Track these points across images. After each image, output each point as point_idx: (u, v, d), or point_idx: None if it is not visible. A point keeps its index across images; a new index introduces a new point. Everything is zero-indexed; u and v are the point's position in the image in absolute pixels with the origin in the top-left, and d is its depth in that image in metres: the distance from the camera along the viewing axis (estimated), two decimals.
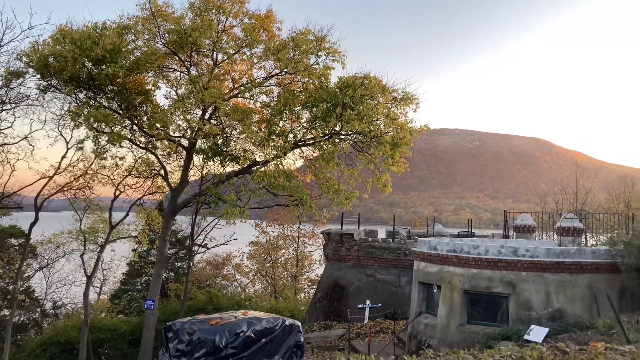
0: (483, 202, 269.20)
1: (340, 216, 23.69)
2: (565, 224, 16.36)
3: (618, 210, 27.46)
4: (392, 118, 18.48)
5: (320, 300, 22.27)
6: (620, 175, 39.98)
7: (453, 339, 13.60)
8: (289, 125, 19.13)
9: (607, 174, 75.34)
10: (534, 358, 2.81)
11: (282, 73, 18.72)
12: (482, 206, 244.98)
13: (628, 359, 2.80)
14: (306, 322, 21.97)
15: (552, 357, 2.80)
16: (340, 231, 22.66)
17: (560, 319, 12.77)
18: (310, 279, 36.91)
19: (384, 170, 19.10)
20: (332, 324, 20.64)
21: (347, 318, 17.75)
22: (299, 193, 17.17)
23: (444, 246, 14.97)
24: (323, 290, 22.46)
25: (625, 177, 35.81)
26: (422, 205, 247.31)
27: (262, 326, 8.17)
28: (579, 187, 32.96)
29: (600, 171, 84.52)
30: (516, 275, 13.38)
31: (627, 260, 12.99)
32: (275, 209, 28.86)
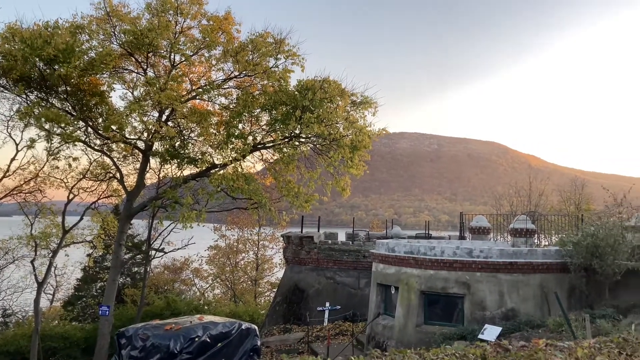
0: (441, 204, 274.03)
1: (301, 219, 23.71)
2: (518, 225, 16.84)
3: (569, 212, 28.35)
4: (351, 121, 18.65)
5: (280, 303, 22.20)
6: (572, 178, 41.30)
7: (410, 340, 13.77)
8: (249, 127, 19.04)
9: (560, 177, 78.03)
10: (477, 356, 2.89)
11: (241, 75, 18.63)
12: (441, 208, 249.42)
13: (566, 354, 2.91)
14: (266, 325, 21.87)
15: (494, 355, 2.88)
16: (301, 234, 22.66)
17: (513, 318, 13.12)
18: (271, 283, 36.75)
19: (344, 173, 19.26)
20: (292, 327, 20.61)
21: (307, 321, 17.77)
22: (258, 196, 17.09)
23: (401, 248, 15.17)
24: (283, 293, 22.40)
25: (575, 180, 37.07)
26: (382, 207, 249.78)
27: (218, 331, 8.08)
28: (533, 189, 33.89)
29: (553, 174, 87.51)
30: (471, 276, 13.68)
31: (576, 260, 13.46)
32: (235, 212, 28.64)
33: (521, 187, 35.10)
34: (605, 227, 13.64)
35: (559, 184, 39.39)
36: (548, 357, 2.78)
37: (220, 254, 36.39)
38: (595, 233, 13.44)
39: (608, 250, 13.05)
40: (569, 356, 2.85)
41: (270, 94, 17.93)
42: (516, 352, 2.89)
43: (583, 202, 32.14)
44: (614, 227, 13.71)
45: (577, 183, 34.50)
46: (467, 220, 23.25)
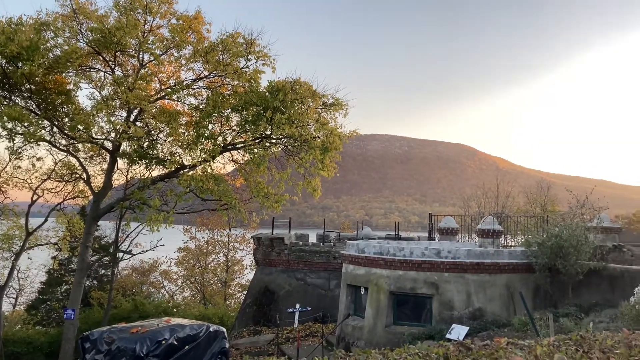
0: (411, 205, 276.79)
1: (272, 220, 23.62)
2: (485, 226, 17.13)
3: (535, 213, 28.93)
4: (323, 123, 18.70)
5: (250, 305, 22.06)
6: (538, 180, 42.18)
7: (380, 340, 13.85)
8: (219, 128, 18.91)
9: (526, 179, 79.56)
10: (439, 355, 2.93)
11: (211, 75, 18.49)
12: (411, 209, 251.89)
13: (526, 352, 2.98)
14: (236, 328, 21.71)
15: (457, 354, 2.93)
16: (271, 235, 22.57)
17: (480, 318, 13.33)
18: (241, 285, 36.48)
19: (314, 175, 19.28)
20: (262, 329, 20.50)
21: (277, 323, 17.70)
22: (228, 197, 16.97)
23: (371, 249, 15.26)
24: (253, 295, 22.27)
25: (541, 182, 37.90)
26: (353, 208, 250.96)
27: (185, 333, 7.95)
28: (500, 191, 34.52)
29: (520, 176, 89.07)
30: (439, 276, 13.85)
31: (541, 261, 13.77)
32: (204, 213, 28.34)
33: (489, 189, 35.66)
34: (568, 228, 13.98)
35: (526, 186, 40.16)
36: (508, 356, 2.84)
37: (189, 255, 35.96)
38: (559, 234, 13.76)
39: (571, 251, 13.38)
40: (529, 354, 2.92)
41: (240, 94, 17.85)
42: (478, 350, 2.95)
43: (548, 203, 32.87)
44: (577, 228, 14.06)
45: (543, 185, 35.30)
46: (436, 221, 23.53)
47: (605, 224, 17.33)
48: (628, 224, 47.36)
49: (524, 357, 2.83)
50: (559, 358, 2.75)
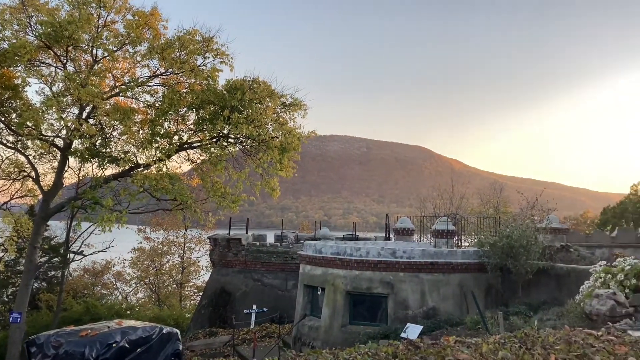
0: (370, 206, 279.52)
1: (229, 221, 23.40)
2: (439, 226, 17.47)
3: (488, 214, 29.65)
4: (281, 123, 18.64)
5: (205, 307, 21.78)
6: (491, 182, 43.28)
7: (336, 340, 13.90)
8: (175, 126, 18.58)
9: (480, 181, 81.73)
10: (388, 354, 2.97)
11: (168, 73, 18.16)
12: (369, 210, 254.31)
13: (472, 350, 3.06)
14: (191, 329, 21.40)
15: (405, 352, 2.98)
16: (228, 236, 22.35)
17: (434, 317, 13.58)
18: (197, 286, 35.97)
19: (273, 175, 19.19)
20: (218, 330, 20.27)
21: (233, 324, 17.53)
22: (183, 196, 16.69)
23: (328, 249, 15.32)
24: (209, 296, 22.00)
25: (494, 184, 38.93)
26: (312, 209, 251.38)
27: (137, 335, 7.80)
28: (455, 192, 35.27)
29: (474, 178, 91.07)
30: (394, 276, 14.03)
31: (492, 260, 14.14)
32: (159, 213, 27.84)
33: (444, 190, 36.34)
34: (519, 229, 14.41)
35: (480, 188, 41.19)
36: (455, 353, 2.90)
37: (144, 256, 35.23)
38: (510, 234, 14.16)
39: (521, 251, 13.80)
40: (475, 352, 2.99)
41: (197, 92, 17.58)
42: (426, 349, 3.00)
43: (501, 204, 33.78)
44: (527, 229, 14.51)
45: (496, 187, 36.26)
46: (392, 221, 23.81)
47: (554, 225, 17.96)
48: (576, 225, 49.21)
49: (470, 355, 2.90)
50: (502, 355, 2.84)
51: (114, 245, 27.70)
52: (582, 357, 3.04)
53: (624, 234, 21.30)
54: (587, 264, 13.97)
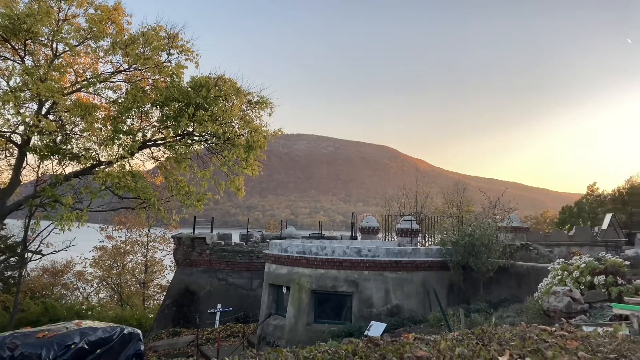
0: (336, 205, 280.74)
1: (193, 220, 23.14)
2: (404, 225, 17.68)
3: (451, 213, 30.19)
4: (247, 121, 18.52)
5: (169, 306, 21.49)
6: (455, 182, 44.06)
7: (301, 339, 13.92)
8: (138, 124, 18.25)
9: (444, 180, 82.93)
10: (348, 351, 3.00)
11: (131, 69, 17.79)
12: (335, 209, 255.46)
13: (431, 347, 3.11)
14: (154, 329, 21.08)
15: (365, 350, 3.01)
16: (192, 235, 22.11)
17: (398, 314, 13.74)
18: (160, 286, 35.40)
19: (238, 174, 19.05)
20: (182, 330, 20.04)
21: (197, 324, 17.35)
22: (147, 194, 16.41)
23: (294, 248, 15.32)
24: (172, 296, 21.71)
25: (458, 183, 39.66)
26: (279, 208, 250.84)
27: (97, 336, 7.63)
28: (420, 191, 35.79)
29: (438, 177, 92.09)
30: (359, 275, 14.14)
31: (455, 259, 14.41)
32: (122, 212, 27.29)
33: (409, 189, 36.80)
34: (481, 228, 14.72)
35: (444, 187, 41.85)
36: (413, 350, 2.95)
37: (106, 256, 34.46)
38: (472, 233, 14.45)
39: (483, 249, 14.10)
40: (433, 348, 3.05)
41: (162, 89, 17.31)
42: (385, 346, 3.04)
43: (464, 204, 34.44)
44: (489, 228, 14.83)
45: (459, 186, 36.93)
46: (358, 220, 23.99)
47: (514, 224, 18.39)
48: (536, 224, 50.55)
49: (428, 352, 2.95)
50: (459, 351, 2.90)
51: (74, 245, 27.02)
52: (536, 352, 3.13)
53: (580, 232, 22.01)
54: (546, 262, 14.37)
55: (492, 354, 2.96)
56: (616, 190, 41.21)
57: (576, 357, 3.06)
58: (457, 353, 2.89)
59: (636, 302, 8.75)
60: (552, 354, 3.08)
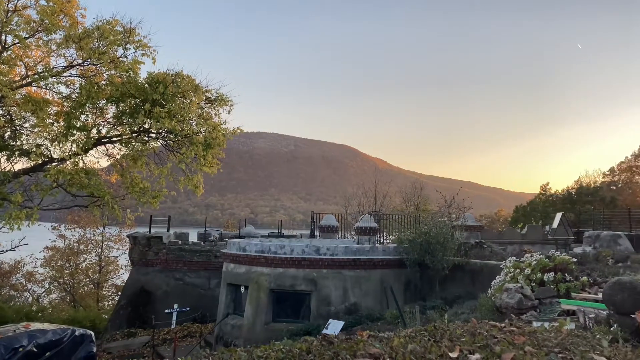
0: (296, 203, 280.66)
1: (149, 218, 22.72)
2: (362, 224, 17.84)
3: (409, 212, 30.65)
4: (205, 118, 18.28)
5: (124, 307, 21.03)
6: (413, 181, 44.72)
7: (259, 338, 13.88)
8: (93, 120, 17.76)
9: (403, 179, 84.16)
10: (302, 350, 3.01)
11: (86, 63, 17.30)
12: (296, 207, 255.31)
13: (384, 344, 3.16)
14: (108, 331, 20.60)
15: (319, 348, 3.03)
16: (148, 234, 21.70)
17: (356, 312, 13.87)
18: (116, 286, 34.58)
19: (196, 171, 18.78)
20: (137, 331, 19.66)
21: (153, 324, 17.05)
22: (101, 192, 15.99)
23: (252, 247, 15.25)
24: (128, 296, 21.26)
25: (416, 182, 40.30)
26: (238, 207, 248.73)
27: (47, 339, 7.41)
28: (378, 190, 36.22)
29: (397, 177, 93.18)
30: (318, 273, 14.19)
31: (411, 257, 14.64)
32: (76, 210, 26.54)
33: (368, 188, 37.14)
34: (437, 227, 15.01)
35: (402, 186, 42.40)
36: (367, 348, 2.99)
37: (58, 255, 33.41)
38: (428, 232, 14.72)
39: (438, 247, 14.38)
40: (386, 346, 3.10)
41: (117, 85, 16.89)
42: (339, 344, 3.07)
43: (421, 203, 35.01)
44: (444, 227, 15.14)
45: (417, 186, 37.52)
46: (318, 219, 24.06)
47: (469, 223, 18.82)
48: (490, 223, 51.86)
49: (381, 349, 2.99)
50: (411, 348, 2.96)
51: (24, 244, 26.08)
52: (485, 347, 3.23)
53: (532, 231, 22.71)
54: (499, 260, 14.76)
55: (443, 350, 3.04)
56: (566, 190, 42.77)
57: (523, 352, 3.17)
58: (410, 350, 2.95)
59: (582, 297, 9.10)
60: (500, 349, 3.18)
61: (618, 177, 46.10)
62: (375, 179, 36.53)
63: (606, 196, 38.64)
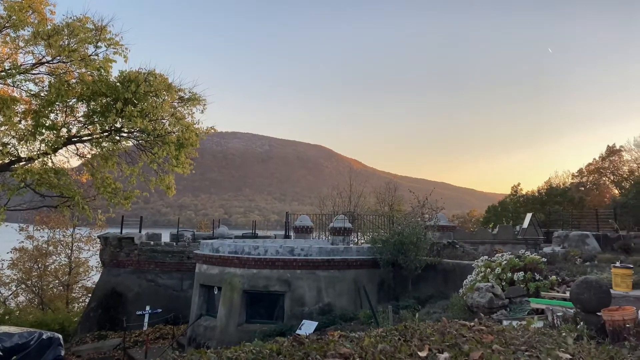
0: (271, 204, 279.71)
1: (121, 219, 22.38)
2: (336, 224, 17.89)
3: (383, 212, 30.85)
4: (178, 118, 18.09)
5: (95, 309, 20.67)
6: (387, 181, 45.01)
7: (232, 339, 13.80)
8: (62, 118, 17.41)
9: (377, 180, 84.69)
10: (273, 351, 3.01)
11: (55, 61, 16.94)
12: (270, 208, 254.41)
13: (355, 344, 3.18)
14: (78, 333, 20.23)
15: (289, 349, 3.03)
16: (120, 235, 21.38)
17: (330, 312, 13.90)
18: (86, 287, 33.91)
19: (168, 171, 18.58)
20: (108, 333, 19.36)
21: (124, 326, 16.81)
22: (70, 192, 15.69)
23: (225, 248, 15.15)
24: (98, 298, 20.90)
25: (390, 183, 40.61)
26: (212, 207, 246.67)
27: (13, 342, 7.23)
28: (353, 191, 36.38)
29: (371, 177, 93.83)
30: (292, 274, 14.18)
31: (385, 257, 14.74)
32: (45, 211, 25.99)
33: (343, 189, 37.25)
34: (410, 227, 15.14)
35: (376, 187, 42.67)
36: (337, 348, 3.00)
37: (26, 257, 32.62)
38: (401, 232, 14.84)
39: (411, 247, 14.51)
40: (357, 345, 3.12)
41: (88, 83, 16.59)
42: (309, 345, 3.08)
43: (395, 203, 35.28)
44: (417, 227, 15.28)
45: (391, 186, 37.80)
46: (292, 219, 24.05)
47: (442, 223, 19.05)
48: (463, 223, 52.57)
49: (351, 349, 3.01)
50: (381, 347, 2.98)
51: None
52: (454, 346, 3.28)
53: (503, 231, 23.09)
54: (471, 260, 14.96)
55: (412, 349, 3.07)
56: (536, 190, 43.59)
57: (491, 350, 3.22)
58: (380, 349, 2.97)
59: (551, 296, 9.29)
60: (469, 347, 3.23)
61: (586, 179, 47.18)
62: (350, 179, 36.68)
63: (575, 197, 39.51)
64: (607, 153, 45.79)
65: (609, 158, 45.56)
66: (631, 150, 44.18)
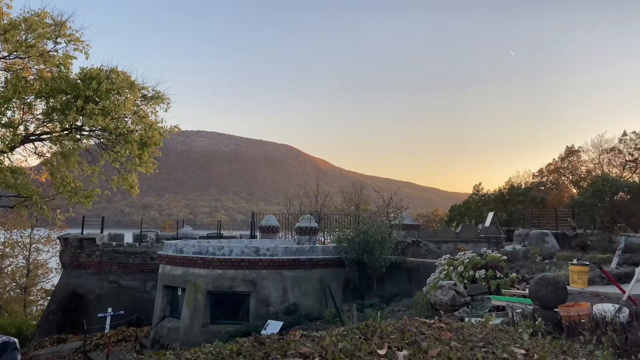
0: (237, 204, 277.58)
1: (82, 219, 21.87)
2: (302, 224, 17.90)
3: (350, 212, 30.99)
4: (141, 116, 17.80)
5: (54, 312, 20.13)
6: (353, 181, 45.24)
7: (196, 340, 13.64)
8: (20, 116, 16.90)
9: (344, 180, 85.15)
10: (233, 351, 2.99)
11: (12, 57, 16.44)
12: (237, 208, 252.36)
13: (316, 343, 3.19)
14: (36, 337, 19.67)
15: (250, 349, 3.02)
16: (80, 236, 20.88)
17: (295, 312, 13.91)
18: (45, 290, 33.02)
19: (131, 171, 18.25)
20: (68, 336, 18.88)
21: (85, 329, 16.42)
22: (28, 191, 15.25)
23: (190, 248, 14.98)
24: (58, 300, 20.37)
25: (356, 183, 40.87)
26: (177, 207, 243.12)
27: None
28: (320, 190, 36.47)
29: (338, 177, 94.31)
30: (257, 274, 14.12)
31: (350, 256, 14.84)
32: (1, 211, 25.17)
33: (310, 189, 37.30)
34: (375, 226, 15.28)
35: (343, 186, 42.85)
36: (298, 347, 3.00)
37: None
38: (366, 231, 14.96)
39: (376, 246, 14.64)
40: (317, 344, 3.13)
41: (47, 80, 16.16)
42: (270, 344, 3.07)
43: (361, 202, 35.52)
44: (382, 226, 15.43)
45: (357, 186, 38.05)
46: (258, 219, 23.93)
47: (407, 222, 19.26)
48: (427, 222, 53.27)
49: (312, 348, 3.02)
50: (342, 346, 3.01)
51: None
52: (413, 344, 3.32)
53: (466, 229, 23.50)
54: (435, 258, 15.19)
55: (372, 348, 3.10)
56: (498, 190, 44.53)
57: (449, 347, 3.28)
58: (340, 348, 2.99)
59: (511, 293, 9.51)
60: (427, 345, 3.29)
61: (546, 178, 48.44)
62: (317, 179, 36.76)
63: (536, 196, 40.52)
64: (566, 153, 47.14)
65: (568, 158, 46.93)
66: (589, 150, 45.62)
